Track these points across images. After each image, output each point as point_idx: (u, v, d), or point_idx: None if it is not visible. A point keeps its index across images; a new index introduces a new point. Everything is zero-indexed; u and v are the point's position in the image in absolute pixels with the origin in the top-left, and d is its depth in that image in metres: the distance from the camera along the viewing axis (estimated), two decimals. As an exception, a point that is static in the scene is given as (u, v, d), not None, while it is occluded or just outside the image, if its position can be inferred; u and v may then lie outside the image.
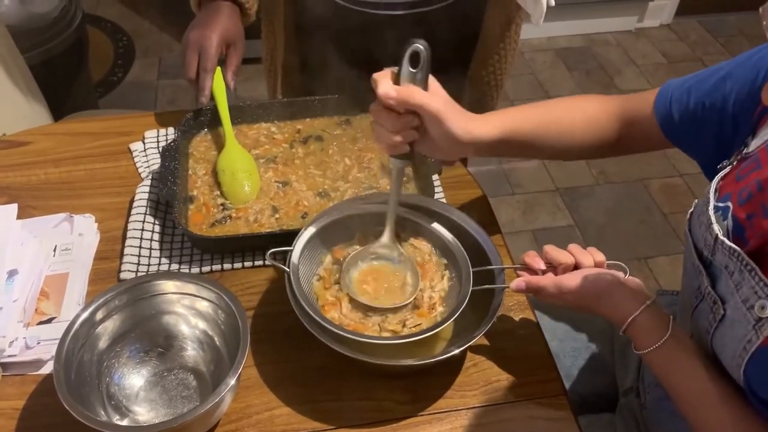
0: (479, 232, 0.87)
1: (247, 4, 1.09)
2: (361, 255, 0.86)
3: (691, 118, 0.79)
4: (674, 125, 0.81)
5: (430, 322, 0.81)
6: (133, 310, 0.80)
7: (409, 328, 0.81)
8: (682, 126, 0.81)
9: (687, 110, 0.79)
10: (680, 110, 0.80)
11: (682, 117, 0.80)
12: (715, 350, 0.69)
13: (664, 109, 0.82)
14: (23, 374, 0.82)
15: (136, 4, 3.02)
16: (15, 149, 1.10)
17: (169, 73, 2.70)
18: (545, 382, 0.83)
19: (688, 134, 0.81)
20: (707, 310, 0.69)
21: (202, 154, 1.06)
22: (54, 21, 1.86)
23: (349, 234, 0.89)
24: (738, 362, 0.64)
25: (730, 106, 0.75)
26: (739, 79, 0.74)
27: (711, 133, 0.78)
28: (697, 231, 0.70)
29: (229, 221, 0.96)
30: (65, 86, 1.97)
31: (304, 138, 1.09)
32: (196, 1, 1.09)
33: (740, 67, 0.76)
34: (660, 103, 0.83)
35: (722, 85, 0.76)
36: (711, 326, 0.68)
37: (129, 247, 0.93)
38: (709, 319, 0.68)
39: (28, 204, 1.00)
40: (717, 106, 0.76)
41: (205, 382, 0.80)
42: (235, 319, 0.76)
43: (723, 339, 0.67)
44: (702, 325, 0.70)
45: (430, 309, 0.83)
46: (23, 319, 0.84)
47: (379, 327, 0.81)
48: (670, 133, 0.82)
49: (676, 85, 0.82)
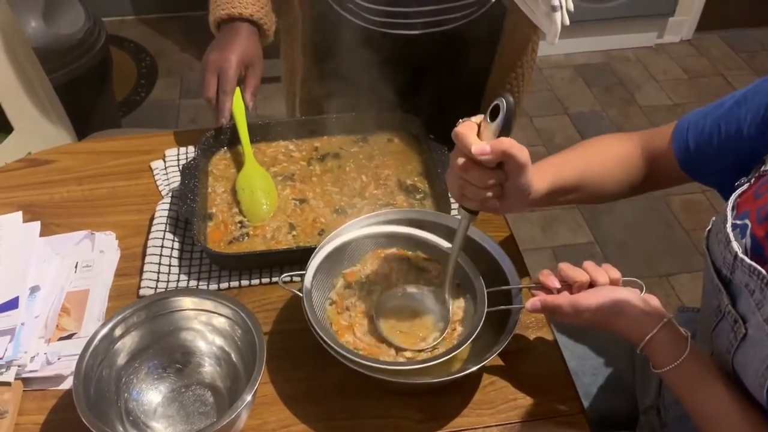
0: (497, 250, 0.87)
1: (266, 25, 1.11)
2: (399, 294, 0.86)
3: (707, 143, 0.79)
4: (690, 155, 0.81)
5: (449, 341, 0.81)
6: (151, 326, 0.81)
7: (427, 352, 0.80)
8: (699, 154, 0.80)
9: (702, 136, 0.79)
10: (696, 138, 0.80)
11: (698, 145, 0.80)
12: (736, 370, 0.68)
13: (680, 141, 0.82)
14: (44, 389, 0.83)
15: (158, 25, 3.08)
16: (39, 167, 1.12)
17: (190, 92, 2.74)
18: (563, 401, 0.83)
19: (705, 162, 0.80)
20: (728, 329, 0.68)
21: (221, 172, 1.07)
22: (79, 42, 1.90)
23: (361, 256, 0.89)
24: (761, 382, 0.62)
25: (745, 129, 0.74)
26: (755, 103, 0.74)
27: (727, 159, 0.77)
28: (715, 249, 0.69)
29: (246, 239, 0.97)
30: (89, 106, 2.01)
31: (322, 155, 1.10)
32: (215, 23, 1.11)
33: (755, 91, 0.75)
34: (677, 134, 0.83)
35: (737, 110, 0.76)
36: (732, 346, 0.67)
37: (149, 264, 0.95)
38: (730, 339, 0.67)
39: (51, 221, 1.01)
40: (732, 129, 0.76)
41: (222, 399, 0.81)
42: (252, 335, 0.76)
43: (745, 358, 0.65)
44: (723, 344, 0.69)
45: (453, 332, 0.83)
46: (44, 334, 0.86)
47: (396, 351, 0.81)
48: (687, 164, 0.82)
49: (692, 115, 0.82)
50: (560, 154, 0.87)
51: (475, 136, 0.71)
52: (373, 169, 1.08)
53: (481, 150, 0.70)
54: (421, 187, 1.05)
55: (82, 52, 1.91)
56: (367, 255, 0.89)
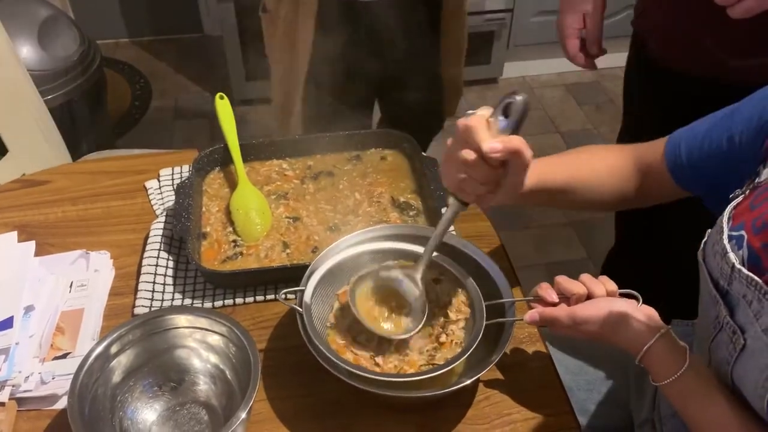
0: (490, 265, 0.88)
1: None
2: (377, 274, 0.85)
3: (699, 154, 0.80)
4: (683, 167, 0.82)
5: (447, 350, 0.82)
6: (146, 345, 0.81)
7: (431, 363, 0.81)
8: (692, 166, 0.81)
9: (695, 148, 0.80)
10: (689, 149, 0.81)
11: (690, 156, 0.81)
12: (735, 381, 0.68)
13: (673, 155, 0.83)
14: (38, 409, 0.82)
15: (152, 48, 3.10)
16: (34, 188, 1.13)
17: (185, 113, 2.76)
18: (558, 415, 0.83)
19: (698, 173, 0.81)
20: (726, 341, 0.68)
21: (215, 191, 1.08)
22: (73, 65, 1.92)
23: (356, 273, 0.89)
24: (761, 393, 0.62)
25: (737, 138, 0.75)
26: (746, 114, 0.75)
27: (720, 169, 0.78)
28: (711, 261, 0.70)
29: (240, 257, 0.98)
30: (84, 127, 2.02)
31: (315, 174, 1.11)
32: None
33: (747, 103, 0.76)
34: (670, 146, 0.83)
35: (729, 120, 0.77)
36: (731, 357, 0.67)
37: (143, 283, 0.95)
38: (729, 350, 0.67)
39: (46, 241, 1.02)
40: (724, 139, 0.77)
41: (217, 416, 0.80)
42: (247, 353, 0.77)
43: (744, 369, 0.65)
44: (721, 355, 0.69)
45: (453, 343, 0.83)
46: (39, 354, 0.86)
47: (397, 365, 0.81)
48: (680, 176, 0.83)
49: (686, 128, 0.83)
50: (552, 156, 0.88)
51: (487, 132, 0.71)
52: (366, 187, 1.09)
53: (493, 148, 0.70)
54: (414, 204, 1.06)
55: (76, 74, 1.93)
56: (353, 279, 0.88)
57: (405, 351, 0.83)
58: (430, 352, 0.83)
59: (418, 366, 0.81)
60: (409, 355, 0.82)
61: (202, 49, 3.06)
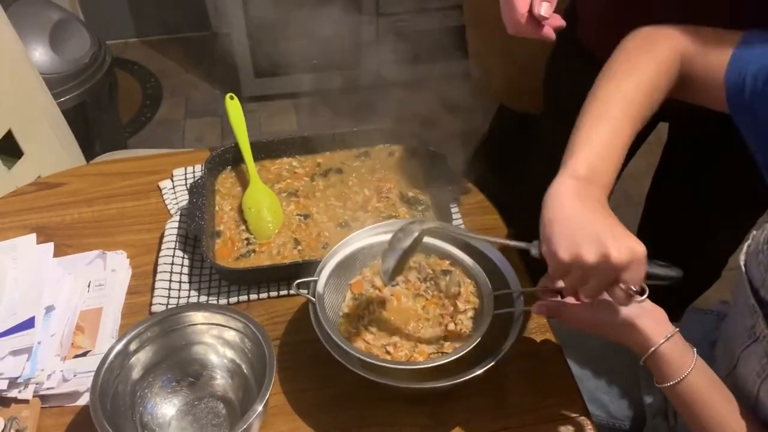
0: (498, 257, 0.89)
1: None
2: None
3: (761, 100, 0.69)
4: (744, 100, 0.71)
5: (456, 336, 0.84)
6: (164, 341, 0.83)
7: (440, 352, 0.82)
8: (753, 105, 0.71)
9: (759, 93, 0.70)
10: (753, 91, 0.70)
11: (752, 95, 0.70)
12: (761, 395, 0.66)
13: (735, 83, 0.72)
14: (61, 406, 0.85)
15: (161, 47, 3.12)
16: (50, 190, 1.15)
17: (195, 111, 2.78)
18: (568, 404, 0.84)
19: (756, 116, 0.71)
20: (761, 354, 0.66)
21: (227, 190, 1.10)
22: (85, 67, 1.94)
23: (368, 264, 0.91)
24: None
25: None
26: None
27: None
28: (754, 268, 0.66)
29: (253, 255, 1.00)
30: (96, 128, 2.05)
31: (325, 171, 1.13)
32: None
33: None
34: (735, 64, 0.72)
35: None
36: (763, 371, 0.65)
37: (160, 281, 0.97)
38: (762, 364, 0.65)
39: (64, 242, 1.04)
40: None
41: (234, 410, 0.83)
42: (262, 347, 0.79)
43: None
44: (751, 366, 0.68)
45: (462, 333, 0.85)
46: (60, 352, 0.88)
47: (407, 353, 0.83)
48: (736, 102, 0.73)
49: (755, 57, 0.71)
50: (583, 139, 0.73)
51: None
52: (375, 183, 1.10)
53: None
54: (423, 198, 1.08)
55: (88, 76, 1.95)
56: (372, 264, 0.91)
57: (415, 341, 0.84)
58: (439, 341, 0.84)
59: (428, 355, 0.83)
60: (419, 346, 0.84)
61: (210, 47, 3.08)
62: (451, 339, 0.84)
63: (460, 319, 0.85)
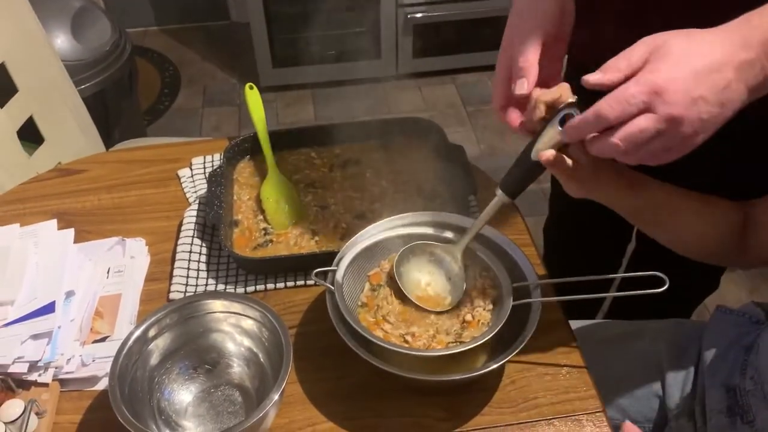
0: (514, 249, 0.89)
1: None
2: (419, 249, 0.89)
3: None
4: None
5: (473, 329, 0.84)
6: (182, 328, 0.84)
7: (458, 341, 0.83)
8: None
9: None
10: None
11: None
12: None
13: None
14: (80, 390, 0.86)
15: (180, 35, 3.13)
16: (71, 177, 1.16)
17: (213, 100, 2.79)
18: (583, 399, 0.84)
19: None
20: None
21: (246, 179, 1.10)
22: (105, 54, 1.95)
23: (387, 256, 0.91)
24: None
25: None
26: None
27: None
28: None
29: (270, 245, 1.00)
30: (116, 115, 2.06)
31: (343, 162, 1.13)
32: None
33: None
34: None
35: None
36: None
37: (178, 269, 0.98)
38: None
39: (84, 228, 1.05)
40: None
41: (250, 398, 0.83)
42: (279, 336, 0.79)
43: None
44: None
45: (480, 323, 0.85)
46: (79, 337, 0.89)
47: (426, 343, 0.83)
48: None
49: None
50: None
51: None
52: (392, 175, 1.10)
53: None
54: (440, 190, 1.07)
55: (108, 63, 1.97)
56: (390, 256, 0.91)
57: (433, 331, 0.85)
58: (457, 332, 0.85)
59: (446, 344, 0.83)
60: (437, 336, 0.84)
61: (229, 36, 3.09)
62: (470, 330, 0.84)
63: (478, 311, 0.85)
